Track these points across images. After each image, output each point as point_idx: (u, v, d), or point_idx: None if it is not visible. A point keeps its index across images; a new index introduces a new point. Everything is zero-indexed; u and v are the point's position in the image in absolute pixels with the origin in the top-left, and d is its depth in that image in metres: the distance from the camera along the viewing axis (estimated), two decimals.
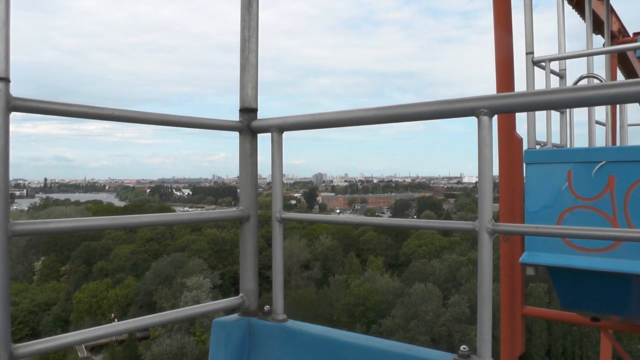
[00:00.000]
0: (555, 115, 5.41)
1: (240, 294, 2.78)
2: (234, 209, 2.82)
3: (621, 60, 9.32)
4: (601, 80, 5.41)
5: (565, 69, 5.52)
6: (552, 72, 5.27)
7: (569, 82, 5.51)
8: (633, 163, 4.27)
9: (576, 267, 4.50)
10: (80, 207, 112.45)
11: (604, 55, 7.38)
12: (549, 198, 4.69)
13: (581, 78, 5.51)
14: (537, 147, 5.11)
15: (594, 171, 4.42)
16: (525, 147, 5.17)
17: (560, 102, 1.89)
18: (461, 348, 2.08)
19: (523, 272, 6.07)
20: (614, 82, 1.75)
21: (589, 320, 5.57)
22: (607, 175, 4.36)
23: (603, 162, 4.39)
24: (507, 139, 5.62)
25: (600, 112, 5.90)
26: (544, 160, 4.77)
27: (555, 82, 5.40)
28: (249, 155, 2.79)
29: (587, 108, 5.47)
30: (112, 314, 65.37)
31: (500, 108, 1.99)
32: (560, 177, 4.61)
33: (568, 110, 5.41)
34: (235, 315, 2.76)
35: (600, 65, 6.71)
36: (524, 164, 4.95)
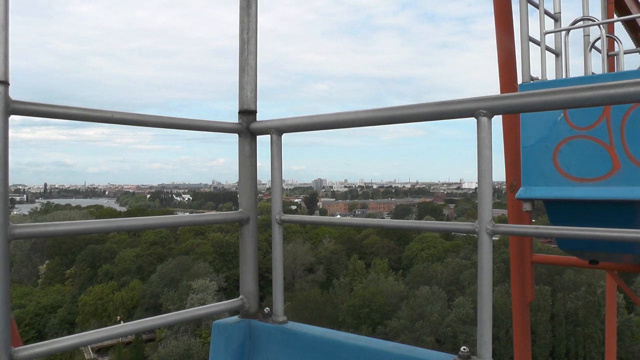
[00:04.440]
0: (550, 59, 5.24)
1: (241, 296, 2.77)
2: (234, 211, 2.82)
3: (618, 5, 9.17)
4: (595, 21, 5.27)
5: (560, 12, 5.41)
6: (547, 13, 5.17)
7: (564, 24, 5.40)
8: None
9: (572, 197, 4.39)
10: (83, 212, 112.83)
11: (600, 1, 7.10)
12: (544, 130, 4.58)
13: (576, 21, 5.36)
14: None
15: None
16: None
17: (560, 102, 1.89)
18: (461, 349, 2.08)
19: (530, 221, 6.02)
20: (613, 82, 1.76)
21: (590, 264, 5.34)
22: None
23: None
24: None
25: (597, 65, 5.63)
26: None
27: (550, 24, 5.30)
28: (248, 158, 2.77)
29: (582, 59, 5.30)
30: (118, 316, 65.75)
31: (500, 109, 1.99)
32: None
33: (563, 53, 5.27)
34: (235, 318, 2.76)
35: (596, 9, 6.41)
36: None
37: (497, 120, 6.14)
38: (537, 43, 5.08)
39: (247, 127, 2.75)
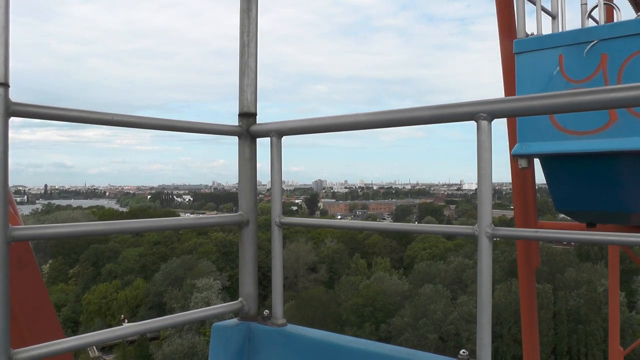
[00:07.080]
0: (547, 21, 5.13)
1: (240, 299, 2.77)
2: (234, 213, 2.81)
3: None
4: None
5: None
6: None
7: None
8: (626, 38, 4.10)
9: (570, 151, 4.31)
10: (85, 212, 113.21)
11: None
12: (539, 86, 4.47)
13: None
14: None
15: (585, 51, 4.26)
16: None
17: (560, 106, 1.89)
18: (461, 352, 2.08)
19: (534, 187, 6.09)
20: (614, 86, 1.74)
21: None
22: (599, 54, 4.21)
23: (595, 41, 4.23)
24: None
25: None
26: (533, 47, 4.58)
27: None
28: (248, 160, 2.77)
29: (580, 21, 5.15)
30: (122, 315, 66.18)
31: (500, 112, 1.99)
32: (551, 63, 4.43)
33: (560, 16, 5.16)
34: (234, 320, 2.75)
35: None
36: (515, 55, 4.68)
37: (500, 93, 6.12)
38: (533, 2, 5.03)
39: (247, 129, 2.75)
